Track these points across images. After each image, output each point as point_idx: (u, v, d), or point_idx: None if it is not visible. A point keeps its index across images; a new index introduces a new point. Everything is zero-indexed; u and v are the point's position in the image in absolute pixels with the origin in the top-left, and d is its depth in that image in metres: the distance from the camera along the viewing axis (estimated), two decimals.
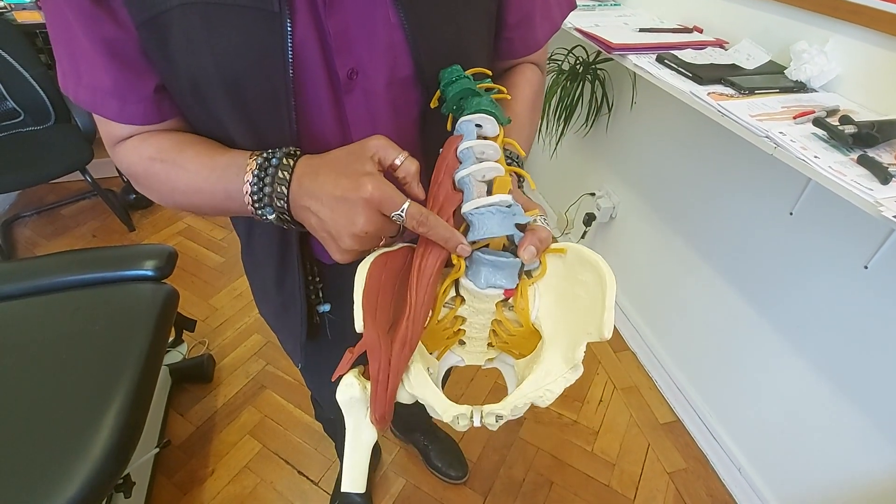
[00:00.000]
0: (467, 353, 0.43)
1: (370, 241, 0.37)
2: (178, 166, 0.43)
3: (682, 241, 1.33)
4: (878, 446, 0.90)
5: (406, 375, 0.35)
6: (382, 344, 0.34)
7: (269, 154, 0.40)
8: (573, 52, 1.45)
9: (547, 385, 0.34)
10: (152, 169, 0.43)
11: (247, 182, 0.39)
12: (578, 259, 0.37)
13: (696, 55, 0.96)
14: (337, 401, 0.36)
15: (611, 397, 1.47)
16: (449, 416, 0.34)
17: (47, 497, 0.74)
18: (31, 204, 2.21)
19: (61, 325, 1.01)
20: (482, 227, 0.36)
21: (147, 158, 0.43)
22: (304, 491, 1.23)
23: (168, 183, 0.44)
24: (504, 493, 1.24)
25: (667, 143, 1.33)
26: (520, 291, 0.38)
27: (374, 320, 0.35)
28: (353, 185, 0.35)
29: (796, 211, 0.97)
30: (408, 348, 0.34)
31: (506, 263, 0.36)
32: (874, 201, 0.60)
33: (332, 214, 0.36)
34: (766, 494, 1.16)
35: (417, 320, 0.35)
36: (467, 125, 0.40)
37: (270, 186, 0.39)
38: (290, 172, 0.38)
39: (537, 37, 0.54)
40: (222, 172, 0.41)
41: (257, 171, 0.39)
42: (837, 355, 0.95)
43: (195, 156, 0.43)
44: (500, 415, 0.33)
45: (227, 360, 1.55)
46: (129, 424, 0.86)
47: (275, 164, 0.39)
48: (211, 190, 0.42)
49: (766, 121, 0.76)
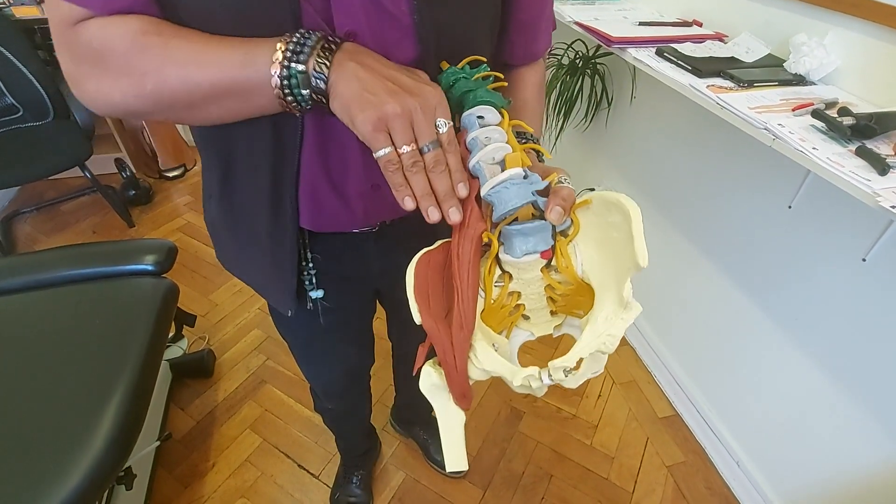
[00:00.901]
0: (534, 325, 0.44)
1: (410, 118, 0.35)
2: (179, 37, 0.38)
3: (680, 235, 1.34)
4: (877, 439, 0.90)
5: (473, 354, 0.37)
6: (441, 330, 0.37)
7: (306, 30, 0.37)
8: (572, 46, 1.45)
9: (607, 331, 0.34)
10: (142, 42, 0.38)
11: (282, 43, 0.37)
12: (604, 204, 0.38)
13: (696, 48, 0.96)
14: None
15: (610, 392, 1.48)
16: (519, 380, 0.35)
17: (50, 488, 0.74)
18: (30, 200, 2.21)
19: (62, 319, 1.01)
20: (501, 202, 0.38)
21: (136, 31, 0.37)
22: (305, 484, 1.24)
23: (162, 56, 0.38)
24: (504, 486, 1.25)
25: (666, 137, 1.33)
26: (560, 251, 0.40)
27: (430, 310, 0.37)
28: (420, 75, 0.37)
29: (795, 204, 0.97)
30: (465, 329, 0.36)
31: (532, 228, 0.38)
32: (872, 192, 0.60)
33: (396, 74, 0.36)
34: (764, 488, 1.17)
35: (467, 301, 0.37)
36: (469, 119, 0.41)
37: (314, 43, 0.36)
38: (338, 42, 0.37)
39: (538, 47, 0.57)
40: (242, 41, 0.38)
41: (296, 37, 0.37)
42: (836, 348, 0.96)
43: (199, 32, 0.39)
44: (567, 367, 0.34)
45: (227, 355, 1.55)
46: (130, 417, 0.86)
47: (316, 37, 0.37)
48: (223, 57, 0.37)
49: (765, 113, 0.76)
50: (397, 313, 0.86)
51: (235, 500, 1.20)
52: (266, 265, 0.58)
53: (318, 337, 0.74)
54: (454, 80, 0.43)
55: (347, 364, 0.85)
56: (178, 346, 1.47)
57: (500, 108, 0.42)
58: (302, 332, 0.74)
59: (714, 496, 1.24)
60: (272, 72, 0.36)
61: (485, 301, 0.40)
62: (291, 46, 0.36)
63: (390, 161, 0.36)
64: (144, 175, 2.34)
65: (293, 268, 0.56)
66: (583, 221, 0.40)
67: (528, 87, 0.57)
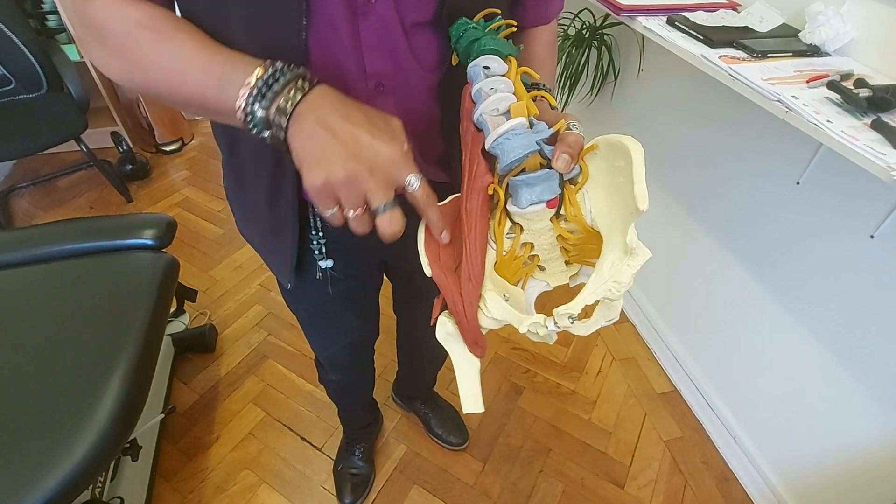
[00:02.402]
0: (549, 276, 0.44)
1: (358, 185, 0.34)
2: (172, 39, 0.38)
3: (684, 211, 1.32)
4: (876, 415, 0.91)
5: (483, 304, 0.38)
6: (450, 281, 0.38)
7: (283, 65, 0.36)
8: (579, 16, 1.41)
9: (612, 277, 0.34)
10: (136, 35, 0.38)
11: (254, 76, 0.35)
12: (609, 147, 0.37)
13: (708, 17, 0.92)
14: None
15: (609, 368, 1.49)
16: (525, 327, 0.35)
17: (57, 458, 0.75)
18: (26, 175, 2.19)
19: (63, 294, 1.01)
20: (505, 153, 0.37)
21: (133, 22, 0.38)
22: (308, 456, 1.26)
23: (150, 55, 0.38)
24: (503, 459, 1.27)
25: (673, 111, 1.30)
26: (568, 200, 0.39)
27: (439, 263, 0.39)
28: (391, 127, 0.35)
29: (803, 180, 0.96)
30: (474, 280, 0.37)
31: (537, 177, 0.37)
32: (887, 166, 0.59)
33: (357, 132, 0.34)
34: (760, 462, 1.19)
35: (475, 253, 0.37)
36: (474, 70, 0.40)
37: (280, 89, 0.35)
38: (305, 88, 0.35)
39: (551, 10, 0.55)
40: (225, 59, 0.37)
41: (269, 71, 0.35)
42: (837, 325, 0.95)
43: (194, 36, 0.39)
44: (571, 314, 0.34)
45: (228, 330, 1.56)
46: (133, 389, 0.87)
47: (287, 77, 0.35)
48: (202, 75, 0.38)
49: (779, 84, 0.73)
50: (404, 286, 0.85)
51: (239, 472, 1.22)
52: (268, 237, 0.59)
53: (326, 307, 0.74)
54: (463, 31, 0.42)
55: (353, 335, 0.85)
56: (180, 320, 1.47)
57: (507, 55, 0.41)
58: (310, 302, 0.74)
59: (710, 471, 1.26)
60: (237, 105, 0.36)
61: (496, 253, 0.41)
62: (260, 83, 0.35)
63: (334, 218, 0.36)
64: (141, 149, 2.30)
65: (293, 245, 0.57)
66: (591, 168, 0.39)
67: (540, 44, 0.56)
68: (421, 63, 0.46)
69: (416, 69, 0.46)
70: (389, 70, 0.45)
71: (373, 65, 0.44)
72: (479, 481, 1.23)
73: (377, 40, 0.43)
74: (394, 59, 0.45)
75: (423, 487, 1.21)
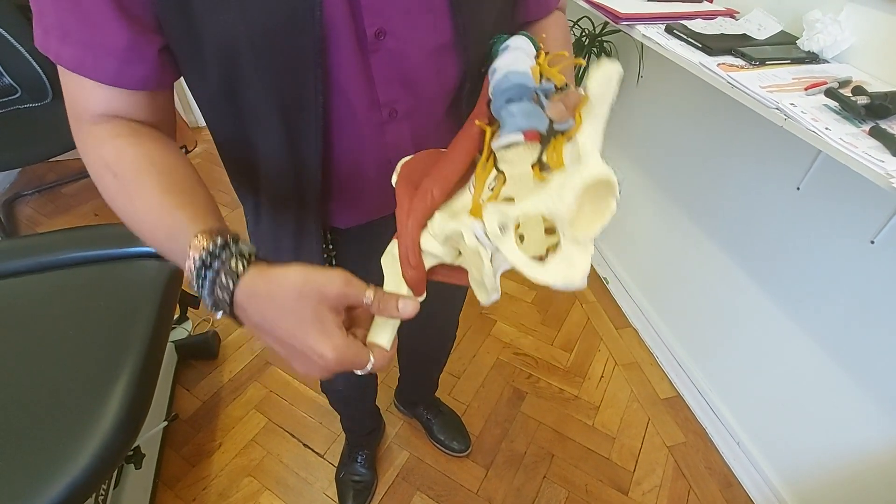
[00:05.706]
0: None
1: (328, 373, 0.34)
2: (129, 195, 0.39)
3: (686, 217, 1.32)
4: (879, 419, 0.91)
5: (430, 221, 0.37)
6: (408, 195, 0.38)
7: (215, 251, 0.34)
8: (579, 23, 1.42)
9: (558, 193, 0.32)
10: (104, 179, 0.40)
11: (189, 260, 0.34)
12: (599, 89, 0.37)
13: (706, 25, 0.93)
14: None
15: (612, 373, 1.49)
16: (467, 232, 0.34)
17: (61, 466, 0.76)
18: (31, 183, 2.20)
19: (67, 301, 1.01)
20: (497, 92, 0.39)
21: (102, 164, 0.39)
22: (310, 463, 1.26)
23: (113, 202, 0.40)
24: (506, 465, 1.27)
25: (673, 118, 1.31)
26: (553, 147, 0.37)
27: (408, 180, 0.39)
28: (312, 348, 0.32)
29: (803, 186, 0.96)
30: (431, 197, 0.37)
31: (521, 108, 0.38)
32: (885, 173, 0.59)
33: (288, 355, 0.34)
34: (764, 467, 1.19)
35: (446, 176, 0.38)
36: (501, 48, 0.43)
37: (211, 286, 0.34)
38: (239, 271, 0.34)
39: (550, 0, 0.56)
40: (169, 226, 0.37)
41: (203, 258, 0.34)
42: (839, 330, 0.95)
43: (148, 194, 0.38)
44: (504, 222, 0.32)
45: (231, 337, 1.56)
46: (137, 397, 0.87)
47: (216, 267, 0.34)
48: (151, 236, 0.39)
49: (777, 92, 0.74)
50: None
51: (242, 479, 1.22)
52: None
53: None
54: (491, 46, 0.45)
55: None
56: (184, 327, 1.48)
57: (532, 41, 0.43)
58: None
59: (714, 475, 1.26)
60: (187, 277, 0.36)
61: (473, 198, 0.38)
62: (199, 263, 0.34)
63: None
64: None
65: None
66: (585, 120, 0.38)
67: (551, 27, 0.56)
68: (442, 85, 0.47)
69: (432, 93, 0.47)
70: (402, 97, 0.46)
71: (386, 94, 0.45)
72: (483, 488, 1.22)
73: (388, 72, 0.44)
74: (406, 87, 0.46)
75: (426, 494, 1.21)
